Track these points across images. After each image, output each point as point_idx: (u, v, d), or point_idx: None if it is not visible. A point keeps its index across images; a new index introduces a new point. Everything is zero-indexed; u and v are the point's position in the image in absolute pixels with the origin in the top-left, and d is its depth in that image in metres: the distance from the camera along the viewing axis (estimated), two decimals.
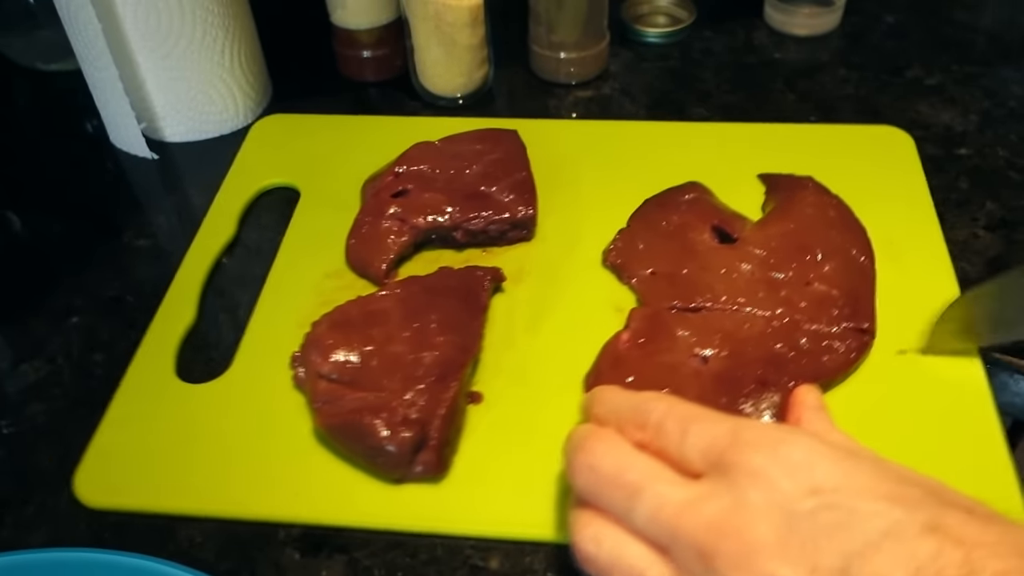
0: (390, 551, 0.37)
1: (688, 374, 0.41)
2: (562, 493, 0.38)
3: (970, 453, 0.39)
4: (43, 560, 0.35)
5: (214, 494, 0.39)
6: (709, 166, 0.53)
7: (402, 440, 0.38)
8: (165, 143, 0.59)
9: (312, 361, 0.41)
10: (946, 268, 0.46)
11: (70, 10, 0.52)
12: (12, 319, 0.48)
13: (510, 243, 0.49)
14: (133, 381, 0.44)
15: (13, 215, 0.55)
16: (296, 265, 0.49)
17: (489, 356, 0.44)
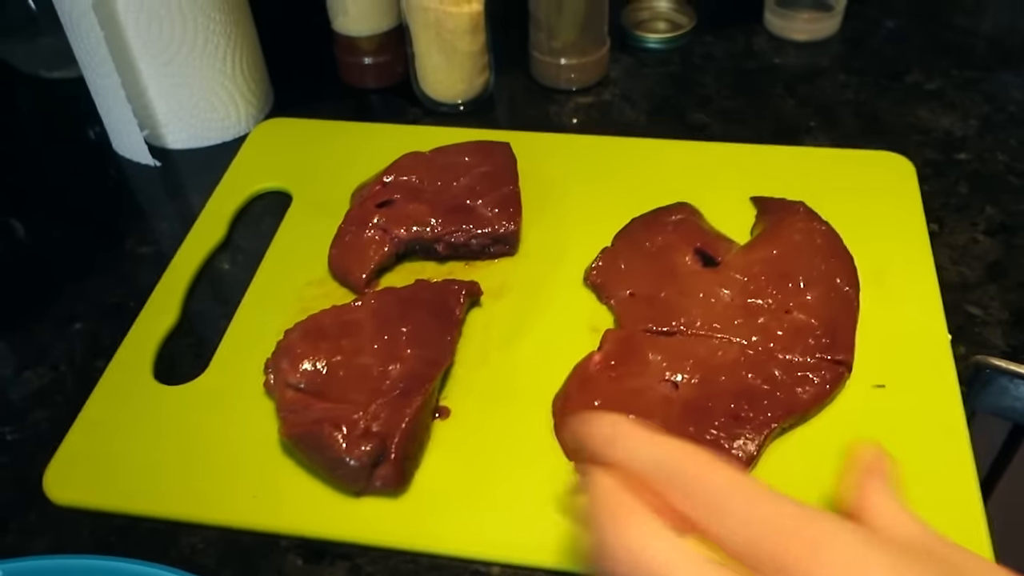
0: (392, 557, 0.38)
1: (657, 400, 0.41)
2: (521, 515, 0.38)
3: (942, 492, 0.38)
4: (47, 567, 0.36)
5: (178, 496, 0.40)
6: (702, 186, 0.52)
7: (361, 454, 0.38)
8: (167, 150, 0.60)
9: (281, 369, 0.42)
10: (935, 304, 0.45)
11: (72, 17, 0.53)
12: (15, 326, 0.49)
13: (492, 257, 0.49)
14: (110, 381, 0.44)
15: (17, 222, 0.56)
16: (280, 271, 0.50)
17: (460, 371, 0.44)
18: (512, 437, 0.41)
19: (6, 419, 0.44)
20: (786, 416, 0.40)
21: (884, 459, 0.32)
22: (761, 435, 0.39)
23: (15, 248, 0.56)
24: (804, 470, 0.39)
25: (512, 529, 0.37)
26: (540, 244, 0.50)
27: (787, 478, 0.38)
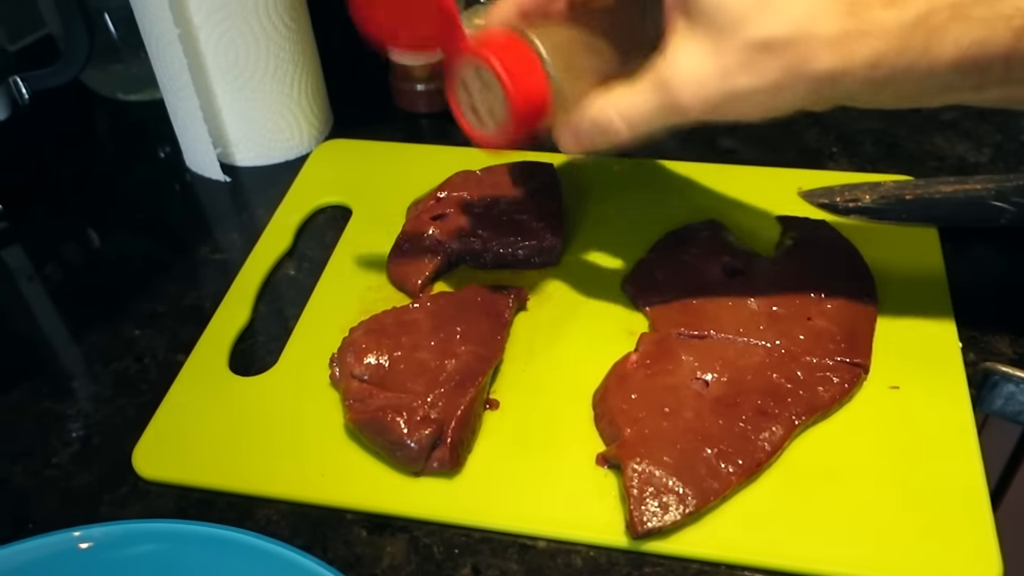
0: (447, 530, 0.41)
1: (689, 395, 0.44)
2: (563, 495, 0.42)
3: (948, 482, 0.41)
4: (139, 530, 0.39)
5: (253, 473, 0.44)
6: (730, 205, 0.56)
7: (420, 438, 0.42)
8: (236, 167, 0.65)
9: (346, 362, 0.46)
10: (947, 313, 0.48)
11: (159, 46, 0.58)
12: (104, 324, 0.53)
13: (537, 267, 0.53)
14: (190, 372, 0.49)
15: (93, 232, 0.62)
16: (343, 277, 0.54)
17: (509, 368, 0.48)
18: (555, 427, 0.45)
19: (98, 404, 0.49)
20: (808, 413, 0.43)
21: None
22: (785, 429, 0.42)
23: (94, 256, 0.61)
24: (825, 462, 0.42)
25: (555, 508, 0.41)
26: (580, 255, 0.54)
27: (809, 469, 0.42)
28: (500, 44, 0.40)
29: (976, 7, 0.34)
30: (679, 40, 0.38)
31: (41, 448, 0.46)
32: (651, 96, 0.39)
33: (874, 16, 0.35)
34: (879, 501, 0.40)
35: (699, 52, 0.37)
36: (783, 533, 0.40)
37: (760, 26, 0.36)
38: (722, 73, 0.37)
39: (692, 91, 0.38)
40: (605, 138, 0.41)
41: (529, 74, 0.40)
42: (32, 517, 0.43)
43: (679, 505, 0.39)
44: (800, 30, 0.35)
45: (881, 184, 0.56)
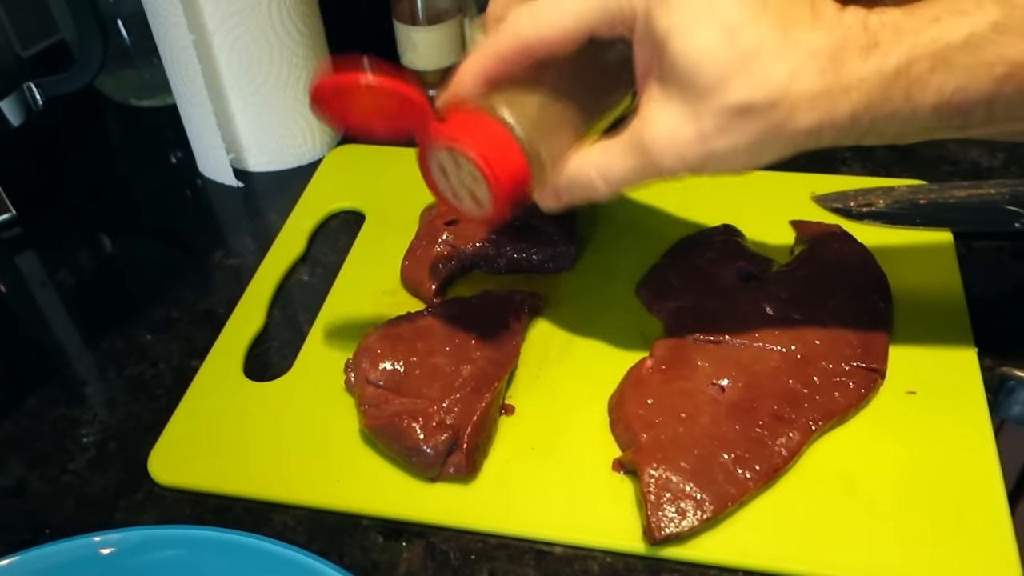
0: (463, 536, 0.41)
1: (705, 401, 0.44)
2: (579, 500, 0.42)
3: (966, 487, 0.41)
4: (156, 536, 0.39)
5: (269, 479, 0.44)
6: (744, 211, 0.56)
7: (436, 443, 0.42)
8: (249, 172, 0.65)
9: (362, 368, 0.46)
10: (963, 318, 0.48)
11: (172, 52, 0.59)
12: (118, 329, 0.54)
13: (551, 272, 0.53)
14: (205, 378, 0.49)
15: (105, 237, 0.62)
16: (357, 281, 0.54)
17: (524, 373, 0.48)
18: (571, 432, 0.45)
19: (113, 410, 0.49)
20: (825, 418, 0.43)
21: None
22: (802, 435, 0.42)
23: (107, 262, 0.61)
24: (842, 467, 0.42)
25: (571, 513, 0.41)
26: (594, 261, 0.54)
27: (826, 475, 0.42)
28: (471, 126, 0.39)
29: (958, 55, 0.34)
30: (655, 104, 0.37)
31: (57, 454, 0.47)
32: (629, 157, 0.38)
33: (854, 69, 0.34)
34: (896, 506, 0.40)
35: (676, 116, 0.36)
36: (801, 538, 0.39)
37: (738, 91, 0.35)
38: (700, 137, 0.36)
39: (671, 153, 0.37)
40: (585, 195, 0.41)
41: (505, 153, 0.38)
42: (49, 523, 0.43)
43: (696, 511, 0.39)
44: (780, 92, 0.35)
45: (895, 189, 0.56)
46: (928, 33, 0.34)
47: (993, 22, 0.33)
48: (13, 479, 0.46)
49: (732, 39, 0.35)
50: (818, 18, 0.35)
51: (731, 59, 0.35)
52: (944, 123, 0.35)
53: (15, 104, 0.62)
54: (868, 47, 0.34)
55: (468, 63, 0.39)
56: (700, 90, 0.35)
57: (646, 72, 0.38)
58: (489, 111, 0.39)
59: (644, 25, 0.36)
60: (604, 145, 0.39)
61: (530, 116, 0.39)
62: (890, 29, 0.34)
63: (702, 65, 0.35)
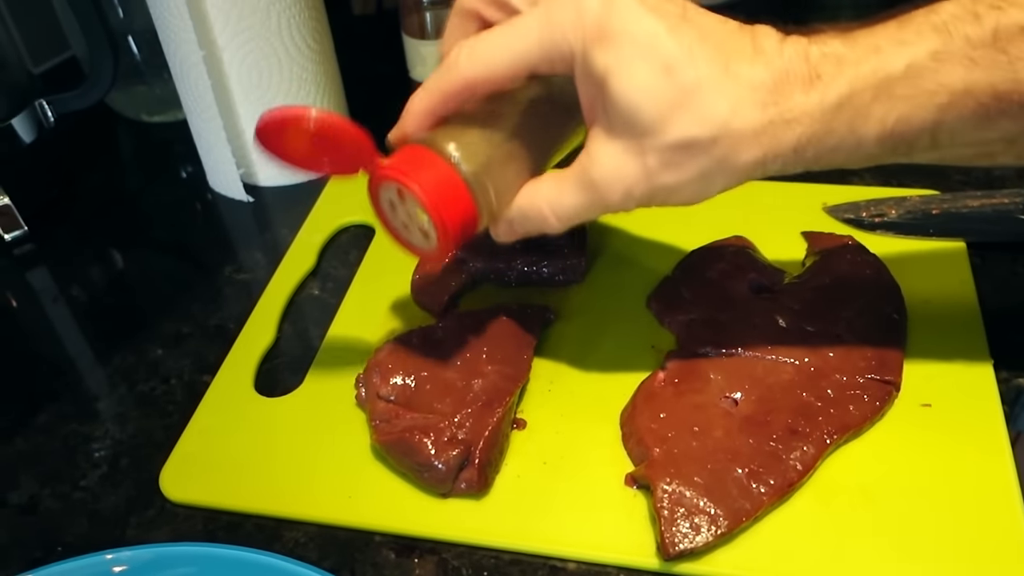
0: (476, 552, 0.41)
1: (718, 414, 0.44)
2: (593, 516, 0.41)
3: (983, 500, 0.41)
4: (168, 554, 0.39)
5: (280, 495, 0.44)
6: (756, 222, 0.56)
7: (448, 459, 0.42)
8: (259, 187, 0.65)
9: (372, 383, 0.46)
10: (978, 329, 0.48)
11: (183, 68, 0.59)
12: (129, 345, 0.54)
13: (561, 285, 0.53)
14: (216, 393, 0.49)
15: (117, 253, 0.62)
16: (367, 296, 0.54)
17: (535, 387, 0.48)
18: (583, 447, 0.44)
19: (124, 426, 0.49)
20: (840, 431, 0.43)
21: None
22: (817, 448, 0.42)
23: (119, 277, 0.61)
24: (857, 481, 0.42)
25: (584, 529, 0.41)
26: (605, 273, 0.54)
27: (842, 489, 0.41)
28: (416, 163, 0.39)
29: (899, 86, 0.34)
30: (600, 141, 0.37)
31: (69, 471, 0.47)
32: (578, 193, 0.39)
33: (796, 102, 0.34)
34: (912, 520, 0.40)
35: (620, 154, 0.37)
36: (816, 553, 0.39)
37: (679, 128, 0.35)
38: (646, 173, 0.36)
39: (618, 189, 0.37)
40: (536, 228, 0.41)
41: (450, 188, 0.39)
42: (61, 540, 0.43)
43: (711, 526, 0.39)
44: (721, 128, 0.35)
45: (907, 199, 0.56)
46: (869, 64, 0.34)
47: (932, 51, 0.33)
48: (26, 496, 0.46)
49: (670, 76, 0.35)
50: (759, 51, 0.35)
51: (671, 97, 0.35)
52: (889, 151, 0.36)
53: (27, 121, 0.62)
54: (810, 79, 0.34)
55: (414, 100, 0.40)
56: (642, 128, 0.35)
57: (591, 108, 0.38)
58: (434, 147, 0.39)
59: (582, 65, 0.36)
60: (554, 180, 0.40)
61: (476, 151, 0.39)
62: (831, 60, 0.34)
63: (642, 104, 0.35)
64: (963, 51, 0.33)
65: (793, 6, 0.83)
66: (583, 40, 0.35)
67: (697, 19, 0.36)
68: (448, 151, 0.39)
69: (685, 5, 0.36)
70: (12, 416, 0.50)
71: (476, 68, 0.37)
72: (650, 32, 0.35)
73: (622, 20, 0.35)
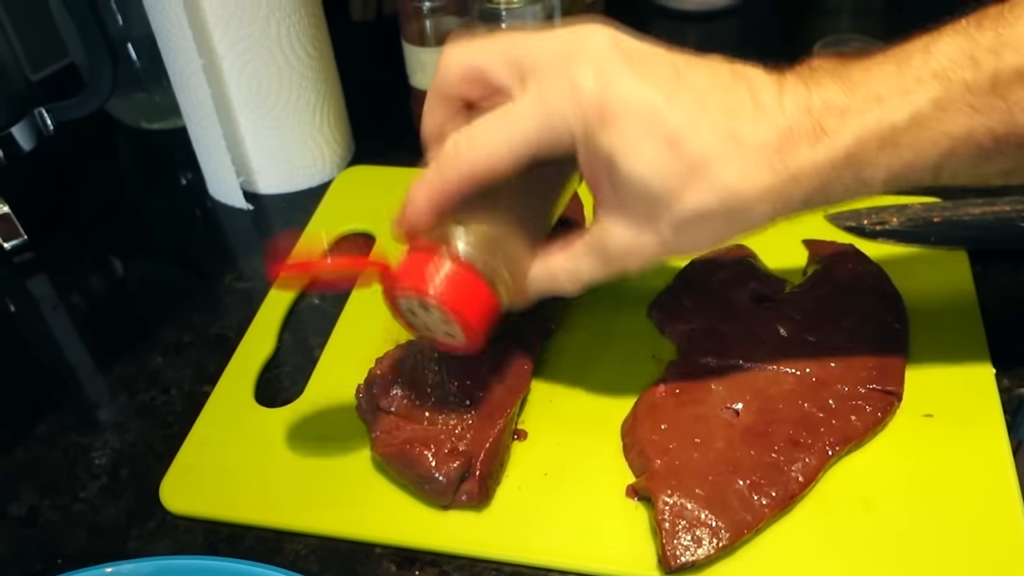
0: (477, 564, 0.41)
1: (719, 425, 0.44)
2: (594, 527, 0.41)
3: (985, 510, 0.40)
4: (169, 567, 0.39)
5: (281, 507, 0.43)
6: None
7: (448, 471, 0.41)
8: (259, 195, 0.65)
9: (373, 394, 0.46)
10: (979, 339, 0.48)
11: (183, 76, 0.59)
12: (129, 354, 0.54)
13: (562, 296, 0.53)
14: (216, 404, 0.49)
15: (116, 260, 0.62)
16: (368, 305, 0.54)
17: (536, 398, 0.48)
18: (584, 458, 0.44)
19: (124, 436, 0.49)
20: (842, 443, 0.43)
21: None
22: (818, 460, 0.42)
23: (119, 285, 0.61)
24: (859, 492, 0.42)
25: (585, 541, 0.41)
26: (606, 283, 0.53)
27: (843, 500, 0.41)
28: (432, 270, 0.39)
29: (903, 136, 0.34)
30: (611, 218, 0.38)
31: (69, 482, 0.46)
32: (595, 262, 0.40)
33: (803, 158, 0.35)
34: (914, 531, 0.40)
35: (635, 229, 0.37)
36: (818, 565, 0.39)
37: (691, 201, 0.35)
38: (661, 242, 0.37)
39: (633, 258, 0.39)
40: (553, 293, 0.42)
41: (469, 290, 0.39)
42: (61, 553, 0.43)
43: (712, 539, 0.39)
44: (732, 194, 0.35)
45: (908, 206, 0.56)
46: (873, 115, 0.34)
47: (934, 99, 0.34)
48: (25, 508, 0.45)
49: (676, 151, 0.35)
50: (760, 107, 0.35)
51: (679, 171, 0.35)
52: (892, 189, 0.37)
53: (26, 129, 0.62)
54: (815, 134, 0.35)
55: (416, 195, 0.39)
56: (653, 203, 0.36)
57: (597, 186, 0.38)
58: (443, 246, 0.39)
59: (586, 147, 0.36)
60: (568, 253, 0.41)
61: (485, 239, 0.39)
62: (834, 112, 0.35)
63: (652, 181, 0.35)
64: (963, 98, 0.33)
65: (793, 6, 0.83)
66: (584, 122, 0.35)
67: (691, 78, 0.35)
68: (458, 248, 0.39)
69: (675, 63, 0.36)
70: (12, 427, 0.50)
71: (478, 162, 0.37)
72: (649, 104, 0.35)
73: (619, 95, 0.35)
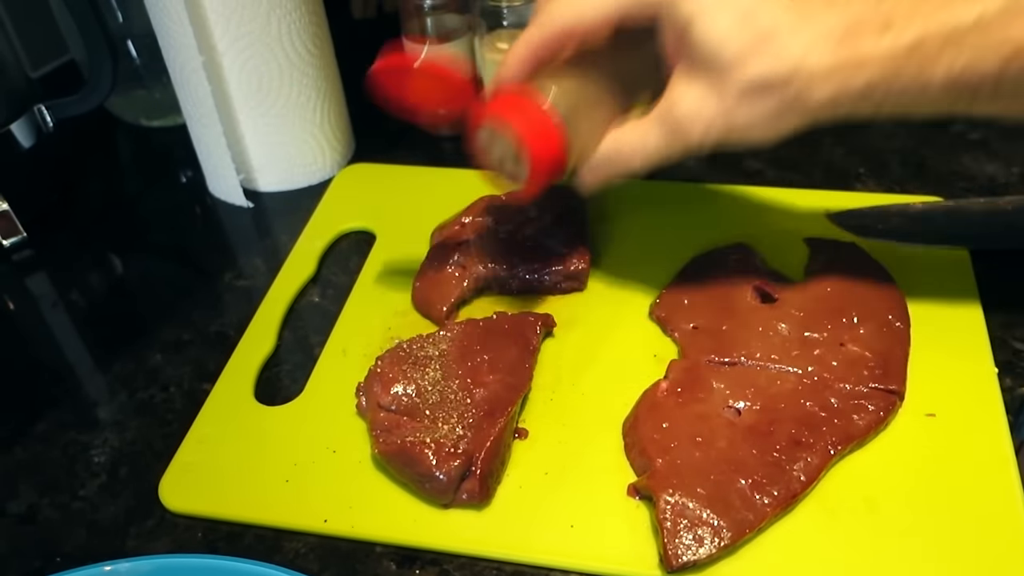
0: (478, 563, 0.41)
1: (721, 424, 0.44)
2: (595, 526, 0.41)
3: (987, 510, 0.40)
4: (168, 565, 0.39)
5: (281, 505, 0.43)
6: (758, 228, 0.56)
7: (449, 469, 0.41)
8: (259, 192, 0.65)
9: (373, 392, 0.46)
10: (982, 338, 0.48)
11: (183, 74, 0.59)
12: (129, 352, 0.53)
13: (563, 293, 0.53)
14: (215, 402, 0.49)
15: (115, 257, 0.62)
16: (367, 303, 0.54)
17: (537, 396, 0.47)
18: (585, 457, 0.44)
19: (124, 435, 0.49)
20: (844, 442, 0.42)
21: None
22: (820, 459, 0.42)
23: (118, 283, 0.61)
24: (861, 492, 0.41)
25: (587, 540, 0.41)
26: (608, 281, 0.54)
27: (845, 499, 0.41)
28: (515, 105, 0.43)
29: (968, 36, 0.36)
30: (682, 83, 0.41)
31: (68, 480, 0.46)
32: (660, 133, 0.42)
33: (868, 45, 0.37)
34: (916, 530, 0.40)
35: (700, 93, 0.40)
36: (820, 564, 0.39)
37: (756, 67, 0.38)
38: (723, 111, 0.40)
39: (697, 128, 0.41)
40: (621, 170, 0.45)
41: (543, 130, 0.42)
42: (60, 551, 0.43)
43: (714, 538, 0.39)
44: (796, 68, 0.38)
45: (910, 206, 0.56)
46: (940, 15, 0.36)
47: (1002, 5, 0.35)
48: (24, 505, 0.45)
49: (749, 21, 0.38)
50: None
51: (749, 39, 0.38)
52: (953, 97, 0.38)
53: (26, 126, 0.62)
54: (882, 26, 0.37)
55: (514, 49, 0.44)
56: (721, 69, 0.39)
57: (673, 54, 0.41)
58: (531, 92, 0.43)
59: (668, 12, 0.40)
60: (636, 124, 0.43)
61: (568, 98, 0.43)
62: (903, 9, 0.37)
63: (723, 46, 0.38)
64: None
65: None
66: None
67: None
68: (543, 96, 0.43)
69: None
70: (11, 425, 0.50)
71: (569, 18, 0.42)
72: None
73: None
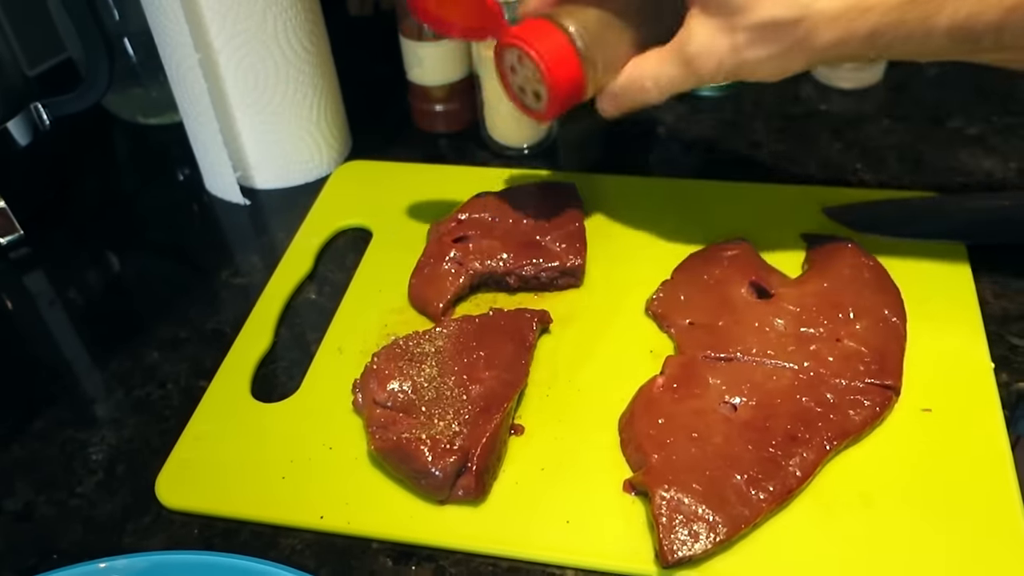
0: (474, 560, 0.41)
1: (717, 420, 0.44)
2: (591, 522, 0.41)
3: (984, 505, 0.40)
4: (164, 562, 0.39)
5: (277, 502, 0.43)
6: (755, 224, 0.55)
7: (445, 465, 0.41)
8: (255, 190, 0.65)
9: (369, 389, 0.46)
10: (978, 333, 0.48)
11: (179, 71, 0.59)
12: (126, 349, 0.53)
13: (560, 289, 0.53)
14: (212, 399, 0.49)
15: (114, 257, 0.62)
16: (364, 300, 0.54)
17: (533, 392, 0.47)
18: (581, 453, 0.44)
19: (121, 432, 0.49)
20: (840, 437, 0.42)
21: None
22: (816, 454, 0.42)
23: (115, 281, 0.61)
24: (857, 487, 0.41)
25: (583, 536, 0.41)
26: (604, 277, 0.54)
27: (841, 495, 0.41)
28: (536, 31, 0.46)
29: None
30: (696, 20, 0.43)
31: (65, 477, 0.46)
32: (675, 66, 0.45)
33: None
34: (912, 525, 0.40)
35: (713, 31, 0.43)
36: (816, 560, 0.39)
37: (766, 9, 0.40)
38: (734, 48, 0.42)
39: (709, 63, 0.44)
40: (638, 99, 0.47)
41: (563, 55, 0.46)
42: (56, 548, 0.43)
43: (709, 533, 0.39)
44: (804, 11, 0.40)
45: (907, 200, 0.56)
46: None
47: None
48: (21, 503, 0.45)
49: None
50: None
51: None
52: (956, 45, 0.39)
53: (22, 124, 0.62)
54: None
55: None
56: (733, 8, 0.41)
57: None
58: (553, 20, 0.46)
59: None
60: (654, 55, 0.46)
61: (589, 27, 0.46)
62: None
63: None
64: None
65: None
66: None
67: None
68: (565, 25, 0.46)
69: None
70: (9, 423, 0.50)
71: None
72: None
73: None
